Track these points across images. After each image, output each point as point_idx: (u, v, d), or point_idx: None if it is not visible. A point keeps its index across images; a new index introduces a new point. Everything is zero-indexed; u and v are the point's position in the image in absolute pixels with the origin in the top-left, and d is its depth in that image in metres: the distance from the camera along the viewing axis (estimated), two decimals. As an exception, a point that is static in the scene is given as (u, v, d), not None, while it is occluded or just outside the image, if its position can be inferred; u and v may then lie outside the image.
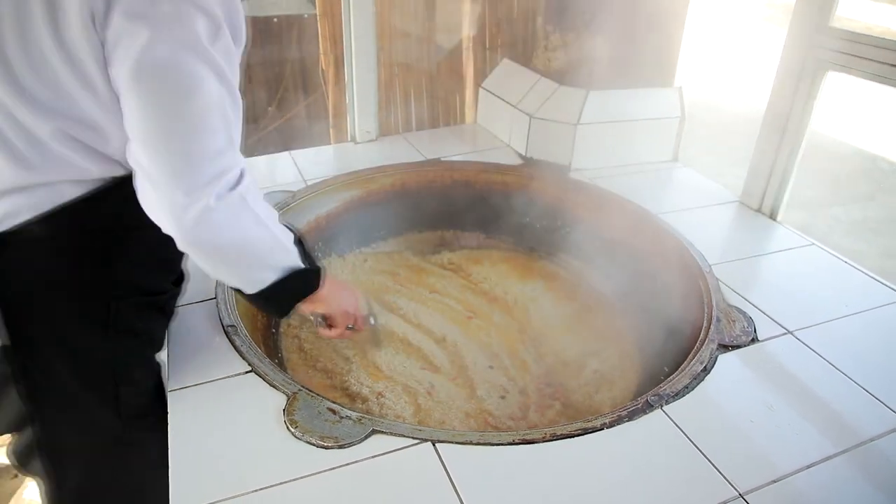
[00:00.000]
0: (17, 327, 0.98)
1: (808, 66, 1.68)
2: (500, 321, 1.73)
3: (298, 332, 1.62)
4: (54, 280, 0.99)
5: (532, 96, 2.20)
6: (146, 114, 0.86)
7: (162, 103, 0.86)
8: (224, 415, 1.11)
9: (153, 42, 0.82)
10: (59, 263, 0.99)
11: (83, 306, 1.03)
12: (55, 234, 0.96)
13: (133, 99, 0.85)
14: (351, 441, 1.05)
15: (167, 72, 0.84)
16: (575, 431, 1.10)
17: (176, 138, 0.88)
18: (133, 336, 1.10)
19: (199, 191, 0.89)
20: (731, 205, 1.95)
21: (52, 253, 0.97)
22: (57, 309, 1.00)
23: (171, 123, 0.87)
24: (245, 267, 1.04)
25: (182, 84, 0.86)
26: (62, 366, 1.02)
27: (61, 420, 1.04)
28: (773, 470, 1.06)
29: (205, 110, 0.88)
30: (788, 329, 1.40)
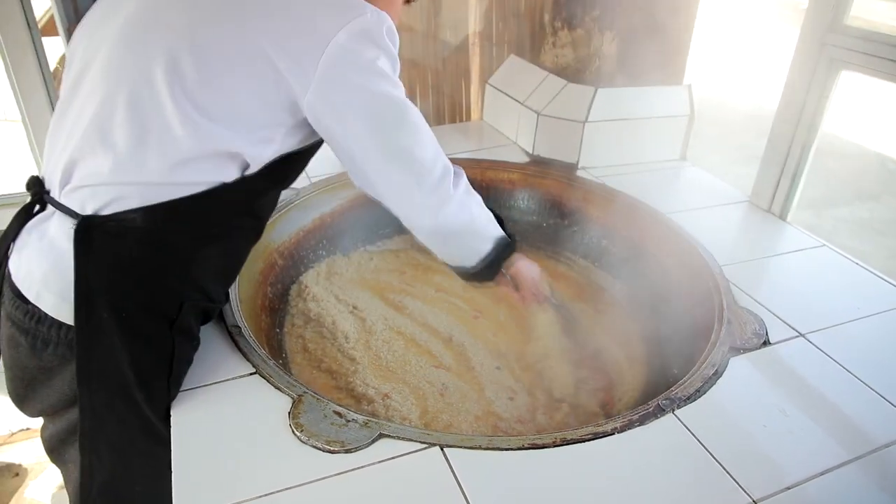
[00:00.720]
0: (91, 309, 0.99)
1: (821, 64, 1.66)
2: (507, 321, 1.71)
3: (303, 332, 1.60)
4: (138, 270, 1.02)
5: (539, 93, 2.18)
6: (379, 138, 1.07)
7: (389, 127, 1.08)
8: (228, 418, 1.09)
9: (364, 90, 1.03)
10: (147, 255, 1.01)
11: (158, 301, 1.05)
12: (153, 226, 0.99)
13: (366, 131, 1.06)
14: (358, 445, 1.03)
15: (387, 104, 1.06)
16: (585, 436, 1.08)
17: (405, 148, 1.10)
18: (189, 338, 1.13)
19: (437, 189, 1.15)
20: (740, 205, 1.92)
21: (144, 244, 1.00)
22: (134, 299, 1.02)
23: (398, 139, 1.09)
24: (473, 241, 1.29)
25: (398, 110, 1.08)
26: (124, 355, 1.02)
27: (109, 410, 1.04)
28: (787, 477, 1.04)
29: (417, 125, 1.11)
30: (800, 332, 1.38)
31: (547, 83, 2.19)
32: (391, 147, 1.09)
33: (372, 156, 1.09)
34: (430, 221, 1.18)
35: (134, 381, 1.04)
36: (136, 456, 1.08)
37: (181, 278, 1.07)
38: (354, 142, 1.07)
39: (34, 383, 1.10)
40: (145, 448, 1.08)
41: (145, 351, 1.04)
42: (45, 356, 1.05)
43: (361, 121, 1.05)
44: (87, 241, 0.97)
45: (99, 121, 0.98)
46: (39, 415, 1.17)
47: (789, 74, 1.76)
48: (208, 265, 1.11)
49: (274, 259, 1.69)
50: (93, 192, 0.98)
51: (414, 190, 1.13)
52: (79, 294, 0.98)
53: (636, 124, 2.10)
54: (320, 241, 1.86)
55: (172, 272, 1.06)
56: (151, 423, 1.07)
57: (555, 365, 1.58)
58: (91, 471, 1.04)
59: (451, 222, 1.19)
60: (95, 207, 0.98)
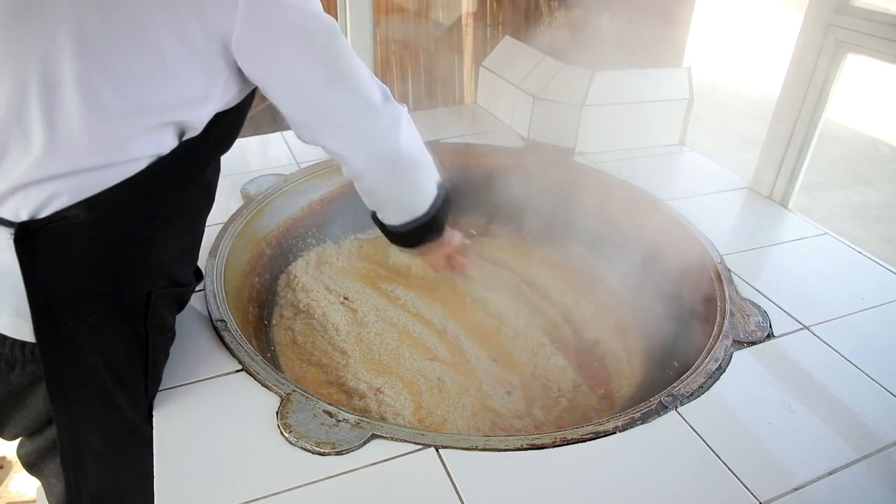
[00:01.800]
0: (54, 320, 0.92)
1: (826, 47, 1.61)
2: (502, 312, 1.67)
3: (292, 324, 1.55)
4: (96, 269, 0.94)
5: (535, 76, 2.12)
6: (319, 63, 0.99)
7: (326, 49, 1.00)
8: (212, 418, 1.04)
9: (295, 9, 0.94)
10: (102, 251, 0.94)
11: (125, 297, 0.99)
12: (98, 219, 0.91)
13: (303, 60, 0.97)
14: (349, 447, 0.99)
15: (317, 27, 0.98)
16: (586, 435, 1.04)
17: (347, 69, 1.02)
18: (163, 330, 1.07)
19: (386, 106, 1.07)
20: (740, 191, 1.88)
21: (95, 240, 0.93)
22: (98, 300, 0.96)
23: (338, 61, 1.01)
24: (425, 175, 1.20)
25: (330, 31, 1.00)
26: (98, 360, 0.96)
27: (88, 419, 0.98)
28: (794, 477, 1.01)
29: (347, 44, 1.03)
30: (804, 324, 1.34)
31: (543, 65, 2.13)
32: (332, 67, 1.01)
33: (315, 81, 1.00)
34: (391, 145, 1.09)
35: (113, 385, 0.98)
36: (123, 462, 1.03)
37: (143, 268, 1.00)
38: (294, 71, 0.98)
39: (5, 408, 1.03)
40: (133, 453, 1.02)
41: (119, 352, 0.99)
42: (14, 378, 0.98)
43: (297, 45, 0.97)
44: (30, 249, 0.89)
45: (12, 113, 0.86)
46: (17, 437, 1.10)
47: (793, 57, 1.70)
48: (168, 248, 1.03)
49: (261, 248, 1.64)
50: (24, 196, 0.88)
51: (365, 110, 1.05)
52: (35, 307, 0.90)
53: (635, 108, 2.04)
54: (309, 229, 1.80)
55: (133, 264, 0.98)
56: (135, 425, 1.02)
57: (551, 356, 1.54)
58: (77, 487, 0.99)
59: (409, 144, 1.12)
60: (30, 211, 0.89)
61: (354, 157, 1.10)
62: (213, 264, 1.40)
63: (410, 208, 1.22)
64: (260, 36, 0.93)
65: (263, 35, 0.93)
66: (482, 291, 1.72)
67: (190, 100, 0.93)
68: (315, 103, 1.03)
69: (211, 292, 1.31)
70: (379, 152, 1.10)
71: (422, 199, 1.22)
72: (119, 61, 0.87)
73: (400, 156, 1.12)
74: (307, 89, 1.01)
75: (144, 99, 0.89)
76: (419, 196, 1.22)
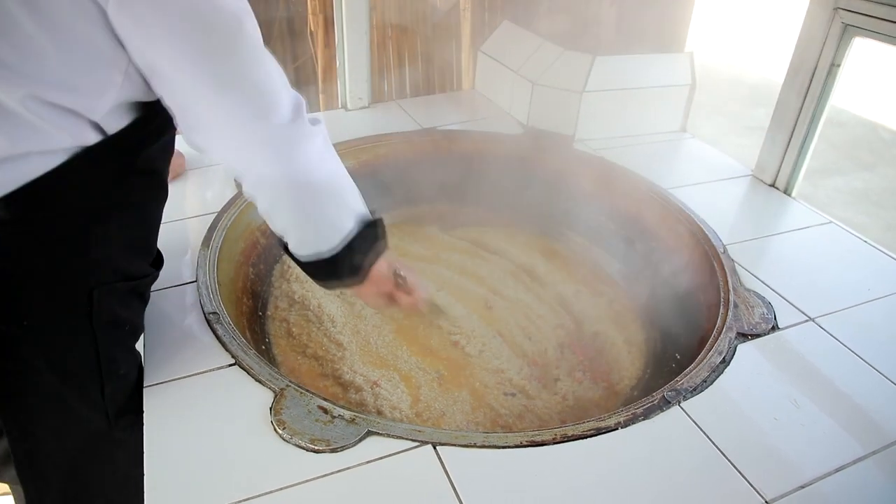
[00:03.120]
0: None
1: (833, 31, 1.57)
2: (501, 301, 1.64)
3: (287, 315, 1.52)
4: (29, 269, 0.88)
5: (534, 61, 2.08)
6: (208, 61, 0.82)
7: (220, 46, 0.83)
8: (204, 414, 1.01)
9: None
10: (33, 250, 0.87)
11: (63, 296, 0.92)
12: (24, 216, 0.84)
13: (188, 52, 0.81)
14: (344, 444, 0.96)
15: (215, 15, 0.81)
16: (587, 432, 1.02)
17: (244, 74, 0.85)
18: (115, 326, 1.00)
19: (290, 119, 0.89)
20: (743, 179, 1.85)
21: (24, 238, 0.86)
22: (34, 302, 0.89)
23: (234, 62, 0.84)
24: (335, 207, 1.00)
25: (230, 24, 0.82)
26: (43, 364, 0.91)
27: (41, 425, 0.94)
28: (801, 474, 0.98)
29: (255, 45, 0.86)
30: (810, 316, 1.31)
31: (542, 51, 2.08)
32: (226, 68, 0.84)
33: (199, 85, 0.83)
34: (283, 166, 0.90)
35: (63, 389, 0.94)
36: (88, 466, 0.99)
37: (81, 265, 0.92)
38: (172, 64, 0.82)
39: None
40: (97, 456, 0.99)
41: (64, 353, 0.93)
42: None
43: (185, 34, 0.80)
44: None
45: None
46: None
47: (798, 41, 1.67)
48: (110, 241, 0.94)
49: (256, 238, 1.60)
50: None
51: (259, 125, 0.87)
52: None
53: (635, 94, 2.00)
54: (305, 217, 1.77)
55: (66, 261, 0.91)
56: (97, 426, 0.98)
57: (552, 348, 1.52)
58: (39, 492, 0.95)
59: (312, 170, 0.93)
60: None
61: (244, 175, 0.94)
62: (206, 255, 1.36)
63: (314, 242, 1.02)
64: (133, 25, 0.78)
65: (136, 24, 0.78)
66: (480, 279, 1.69)
67: (85, 89, 0.82)
68: (200, 107, 0.87)
69: (203, 284, 1.28)
70: (271, 175, 0.91)
71: (329, 234, 1.01)
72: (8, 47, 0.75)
73: (298, 182, 0.93)
74: (190, 88, 0.85)
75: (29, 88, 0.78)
76: (325, 231, 1.01)
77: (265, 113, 0.87)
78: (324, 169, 0.96)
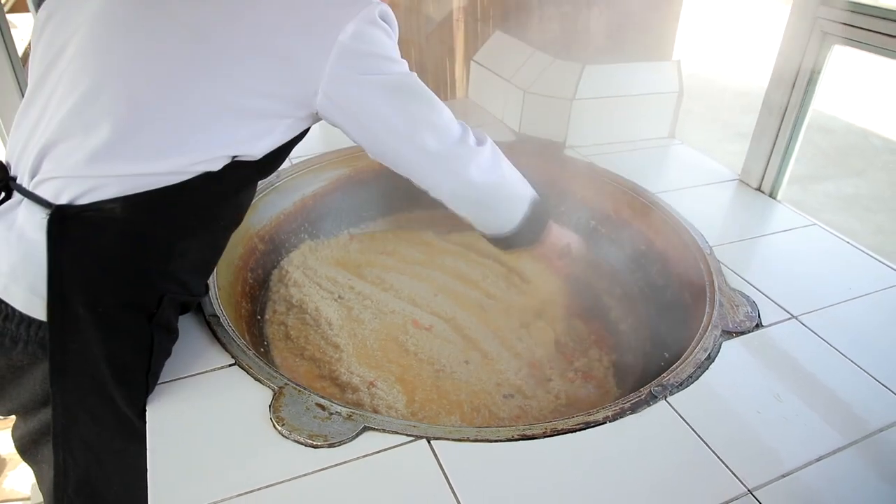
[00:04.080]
0: (66, 305, 0.94)
1: (813, 38, 1.62)
2: (494, 303, 1.68)
3: (285, 318, 1.56)
4: (117, 264, 0.97)
5: (526, 70, 2.13)
6: (402, 115, 1.07)
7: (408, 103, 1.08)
8: (206, 412, 1.05)
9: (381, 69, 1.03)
10: (127, 247, 0.97)
11: (138, 295, 1.01)
12: (132, 217, 0.94)
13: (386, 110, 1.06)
14: (341, 439, 0.99)
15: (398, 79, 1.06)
16: (577, 426, 1.05)
17: (429, 120, 1.10)
18: (167, 332, 1.09)
19: (460, 146, 1.13)
20: (730, 183, 1.89)
21: (123, 236, 0.95)
22: (112, 293, 0.97)
23: (421, 112, 1.09)
24: (507, 202, 1.25)
25: (412, 83, 1.08)
26: (101, 352, 0.98)
27: (83, 408, 1.00)
28: (782, 464, 1.02)
29: (430, 94, 1.11)
30: (793, 314, 1.35)
31: (533, 60, 2.13)
32: (413, 120, 1.09)
33: (398, 132, 1.08)
34: (457, 182, 1.16)
35: (110, 379, 0.99)
36: (111, 454, 1.04)
37: (161, 271, 1.03)
38: (378, 123, 1.07)
39: (2, 382, 1.04)
40: (121, 446, 1.03)
41: (123, 347, 1.00)
42: (15, 355, 1.00)
43: (381, 103, 1.04)
44: (61, 232, 0.92)
45: (80, 107, 0.93)
46: (10, 413, 1.12)
47: (780, 49, 1.72)
48: (188, 257, 1.06)
49: (254, 244, 1.64)
50: (67, 182, 0.93)
51: (439, 154, 1.12)
52: (52, 289, 0.92)
53: (624, 101, 2.05)
54: (302, 224, 1.81)
55: (152, 265, 1.01)
56: (128, 420, 1.03)
57: (543, 351, 1.55)
58: (65, 469, 1.00)
59: (482, 182, 1.17)
60: (71, 197, 0.92)
61: (432, 191, 1.18)
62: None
63: (495, 228, 1.28)
64: (343, 100, 1.02)
65: (347, 99, 1.02)
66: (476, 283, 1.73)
67: (250, 135, 0.99)
68: (394, 149, 1.11)
69: (203, 288, 1.31)
70: (451, 191, 1.17)
71: (505, 222, 1.27)
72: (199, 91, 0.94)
73: (475, 191, 1.18)
74: (388, 140, 1.09)
75: (215, 136, 0.96)
76: (502, 220, 1.27)
77: (442, 144, 1.11)
78: (493, 176, 1.19)
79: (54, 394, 0.97)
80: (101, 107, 0.92)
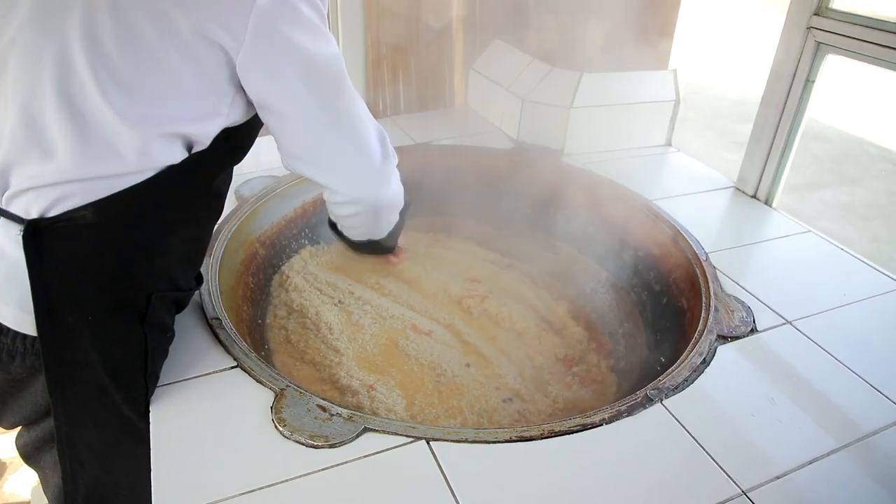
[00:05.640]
0: (55, 317, 0.94)
1: (807, 48, 1.64)
2: (492, 308, 1.69)
3: (286, 323, 1.57)
4: (99, 269, 0.96)
5: (524, 78, 2.15)
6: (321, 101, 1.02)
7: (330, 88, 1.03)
8: (208, 413, 1.06)
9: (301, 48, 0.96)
10: (106, 252, 0.96)
11: (125, 297, 1.01)
12: (105, 222, 0.94)
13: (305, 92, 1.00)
14: (342, 440, 1.01)
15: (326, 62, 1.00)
16: (573, 427, 1.07)
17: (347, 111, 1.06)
18: (161, 331, 1.09)
19: (381, 156, 1.12)
20: (726, 190, 1.91)
21: (101, 241, 0.95)
22: (98, 299, 0.98)
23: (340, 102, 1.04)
24: (395, 214, 1.31)
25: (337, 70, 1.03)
26: (96, 357, 0.98)
27: (86, 414, 1.01)
28: (776, 466, 1.03)
29: (352, 88, 1.07)
30: (787, 319, 1.37)
31: (531, 68, 2.16)
32: (332, 109, 1.04)
33: (312, 119, 1.03)
34: (373, 195, 1.16)
35: (109, 383, 1.00)
36: (118, 458, 1.05)
37: (145, 270, 1.02)
38: (291, 104, 1.01)
39: (4, 396, 1.05)
40: (127, 449, 1.04)
41: (117, 350, 1.01)
42: (13, 369, 1.01)
43: (300, 81, 0.98)
44: (37, 245, 0.91)
45: (28, 118, 0.90)
46: (15, 427, 1.13)
47: (775, 58, 1.74)
48: (172, 253, 1.05)
49: (255, 248, 1.66)
50: (36, 195, 0.92)
51: (356, 158, 1.10)
52: (38, 303, 0.93)
53: (622, 110, 2.08)
54: (302, 229, 1.83)
55: (135, 266, 1.00)
56: (131, 422, 1.04)
57: (540, 355, 1.57)
58: (73, 477, 1.01)
59: (391, 197, 1.19)
60: (41, 209, 0.92)
61: (337, 193, 1.16)
62: (209, 264, 1.42)
63: (373, 234, 1.35)
64: (261, 70, 0.95)
65: (264, 70, 0.95)
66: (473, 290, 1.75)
67: (199, 115, 0.96)
68: (310, 142, 1.07)
69: (206, 291, 1.32)
70: (363, 200, 1.17)
71: (384, 229, 1.36)
72: (132, 75, 0.90)
73: (382, 207, 1.20)
74: (304, 127, 1.04)
75: (155, 111, 0.92)
76: (383, 229, 1.36)
77: (363, 150, 1.09)
78: (398, 192, 1.21)
79: (55, 405, 0.97)
80: (47, 116, 0.89)
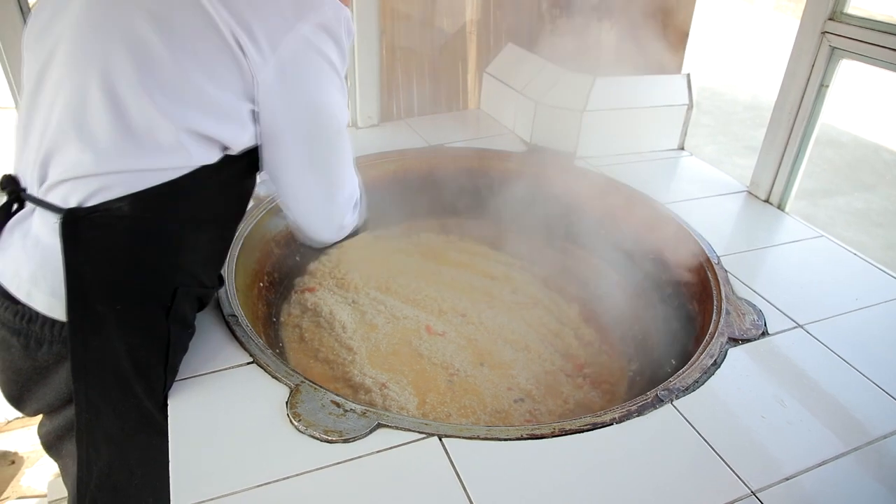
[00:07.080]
0: (85, 304, 0.97)
1: (821, 53, 1.65)
2: (504, 308, 1.71)
3: (300, 321, 1.59)
4: (130, 260, 1.00)
5: (537, 82, 2.17)
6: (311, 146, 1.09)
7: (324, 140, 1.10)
8: (225, 407, 1.08)
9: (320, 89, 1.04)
10: (139, 243, 0.99)
11: (152, 290, 1.04)
12: (139, 214, 0.97)
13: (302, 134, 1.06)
14: (356, 435, 1.03)
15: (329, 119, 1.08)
16: (584, 426, 1.08)
17: (330, 164, 1.13)
18: (183, 326, 1.13)
19: (344, 218, 1.21)
20: (738, 195, 1.92)
21: (134, 232, 0.98)
22: (128, 289, 1.01)
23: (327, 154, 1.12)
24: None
25: (337, 128, 1.10)
26: (121, 347, 1.01)
27: (106, 402, 1.03)
28: (785, 468, 1.04)
29: (345, 146, 1.15)
30: (799, 323, 1.38)
31: (545, 72, 2.17)
32: (319, 156, 1.11)
33: (299, 155, 1.09)
34: (325, 238, 1.25)
35: (132, 372, 1.03)
36: (133, 447, 1.07)
37: (174, 264, 1.05)
38: (288, 137, 1.06)
39: (29, 384, 1.08)
40: (143, 439, 1.07)
41: (142, 341, 1.03)
42: (40, 356, 1.03)
43: (302, 123, 1.05)
44: (74, 234, 0.95)
45: (72, 111, 0.94)
46: (37, 413, 1.15)
47: (789, 64, 1.75)
48: (200, 250, 1.09)
49: (270, 248, 1.68)
50: (74, 186, 0.95)
51: (323, 206, 1.17)
52: (71, 289, 0.96)
53: (635, 113, 2.09)
54: (317, 230, 1.85)
55: (164, 260, 1.04)
56: (149, 413, 1.07)
57: (553, 356, 1.58)
58: (88, 464, 1.03)
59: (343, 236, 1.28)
60: (79, 199, 0.95)
61: (298, 227, 1.23)
62: (225, 262, 1.44)
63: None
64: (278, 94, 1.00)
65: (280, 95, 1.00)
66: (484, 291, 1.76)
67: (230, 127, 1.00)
68: (289, 175, 1.12)
69: (223, 288, 1.35)
70: (320, 239, 1.26)
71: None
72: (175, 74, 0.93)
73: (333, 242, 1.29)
74: (288, 157, 1.09)
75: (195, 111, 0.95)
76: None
77: (331, 201, 1.17)
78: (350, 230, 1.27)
79: (77, 390, 1.00)
80: (92, 109, 0.93)
